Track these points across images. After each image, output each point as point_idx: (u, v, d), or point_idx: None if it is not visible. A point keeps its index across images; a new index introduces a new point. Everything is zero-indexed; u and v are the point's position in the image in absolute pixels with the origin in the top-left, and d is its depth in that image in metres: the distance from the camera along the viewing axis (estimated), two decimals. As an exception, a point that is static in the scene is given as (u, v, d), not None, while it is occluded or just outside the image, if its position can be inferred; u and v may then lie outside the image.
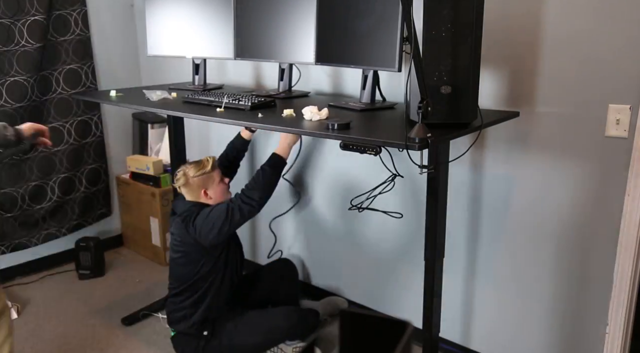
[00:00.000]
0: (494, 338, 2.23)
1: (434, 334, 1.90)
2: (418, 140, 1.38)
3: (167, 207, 3.20)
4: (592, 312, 1.93)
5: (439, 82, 1.55)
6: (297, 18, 2.19)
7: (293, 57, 2.25)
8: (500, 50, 1.94)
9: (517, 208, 2.03)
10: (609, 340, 1.89)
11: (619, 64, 1.70)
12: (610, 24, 1.70)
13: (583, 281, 1.93)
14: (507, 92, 1.96)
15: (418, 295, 1.99)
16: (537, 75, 1.88)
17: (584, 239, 1.90)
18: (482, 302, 2.22)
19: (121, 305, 2.85)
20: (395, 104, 2.02)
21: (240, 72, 2.89)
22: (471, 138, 1.93)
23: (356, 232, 2.60)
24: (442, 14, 1.51)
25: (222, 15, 2.45)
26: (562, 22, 1.79)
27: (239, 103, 2.00)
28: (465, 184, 2.16)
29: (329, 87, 2.52)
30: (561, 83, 1.83)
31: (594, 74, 1.76)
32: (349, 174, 2.54)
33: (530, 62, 1.89)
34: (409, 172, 2.23)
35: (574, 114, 1.83)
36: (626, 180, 1.76)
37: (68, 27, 3.13)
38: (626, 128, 1.72)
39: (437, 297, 1.85)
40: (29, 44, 2.94)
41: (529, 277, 2.06)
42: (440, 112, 1.55)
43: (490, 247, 2.15)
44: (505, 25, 1.91)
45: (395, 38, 1.81)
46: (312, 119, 1.74)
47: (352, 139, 1.54)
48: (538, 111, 1.90)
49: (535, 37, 1.86)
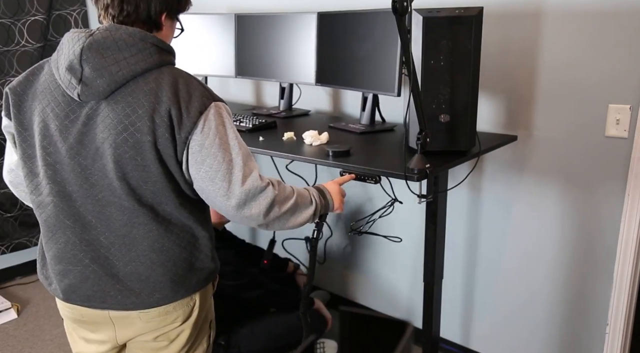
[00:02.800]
0: (494, 338, 2.21)
1: (434, 334, 1.90)
2: (417, 171, 1.41)
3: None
4: (592, 312, 1.92)
5: (437, 110, 1.57)
6: (298, 39, 2.22)
7: (293, 77, 2.28)
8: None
9: (518, 216, 2.02)
10: (609, 340, 1.88)
11: (618, 69, 1.70)
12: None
13: (583, 281, 1.92)
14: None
15: (418, 295, 1.98)
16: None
17: (584, 240, 1.88)
18: (482, 301, 2.21)
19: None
20: (394, 126, 2.04)
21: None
22: (470, 164, 1.94)
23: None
24: (440, 44, 1.53)
25: (223, 33, 2.49)
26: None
27: (240, 124, 2.02)
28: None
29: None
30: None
31: (592, 76, 1.75)
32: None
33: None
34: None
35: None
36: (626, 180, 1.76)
37: (68, 27, 3.13)
38: (626, 128, 1.71)
39: (437, 297, 1.86)
40: (29, 44, 2.94)
41: (529, 277, 2.05)
42: (438, 140, 1.58)
43: (490, 246, 2.14)
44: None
45: (395, 63, 1.83)
46: (313, 143, 1.76)
47: (352, 169, 1.56)
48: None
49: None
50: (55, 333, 2.59)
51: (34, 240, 3.14)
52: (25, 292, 3.01)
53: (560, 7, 1.77)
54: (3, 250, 3.03)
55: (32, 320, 2.72)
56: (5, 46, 2.87)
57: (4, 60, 2.87)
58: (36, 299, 2.93)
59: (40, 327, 2.66)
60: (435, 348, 1.93)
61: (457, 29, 1.52)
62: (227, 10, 2.81)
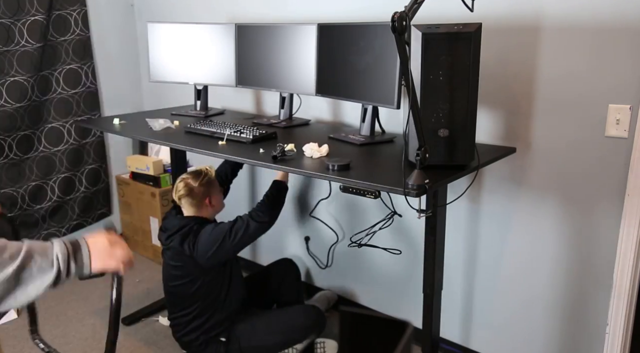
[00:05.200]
0: (494, 338, 2.24)
1: (434, 334, 1.92)
2: (416, 186, 1.43)
3: (167, 206, 3.21)
4: (592, 312, 1.94)
5: (436, 125, 1.58)
6: (298, 50, 2.23)
7: (294, 87, 2.29)
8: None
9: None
10: (609, 340, 1.90)
11: (617, 74, 1.72)
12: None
13: (583, 281, 1.94)
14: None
15: (418, 295, 2.00)
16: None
17: (584, 240, 1.91)
18: (482, 301, 2.24)
19: (121, 305, 2.86)
20: (394, 137, 2.06)
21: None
22: (469, 177, 1.96)
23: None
24: (439, 60, 1.54)
25: (224, 43, 2.50)
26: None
27: (241, 135, 2.03)
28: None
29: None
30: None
31: (592, 76, 1.77)
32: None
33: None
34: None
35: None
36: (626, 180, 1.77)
37: (68, 27, 3.13)
38: (626, 128, 1.73)
39: (437, 297, 1.88)
40: (29, 44, 2.94)
41: (529, 277, 2.07)
42: (438, 154, 1.60)
43: (489, 250, 2.16)
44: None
45: (394, 76, 1.84)
46: (313, 156, 1.77)
47: (352, 183, 1.58)
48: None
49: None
50: (55, 333, 2.62)
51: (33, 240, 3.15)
52: (25, 292, 3.03)
53: (558, 19, 1.78)
54: (3, 249, 3.05)
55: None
56: (5, 46, 2.87)
57: (4, 60, 2.87)
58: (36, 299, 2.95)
59: (41, 327, 2.67)
60: (435, 348, 1.95)
61: (456, 45, 1.54)
62: (228, 20, 2.82)
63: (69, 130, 3.22)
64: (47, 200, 3.18)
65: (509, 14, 1.88)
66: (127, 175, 3.44)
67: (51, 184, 3.19)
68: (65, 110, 3.19)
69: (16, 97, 2.93)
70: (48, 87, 3.10)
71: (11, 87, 2.91)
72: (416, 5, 1.42)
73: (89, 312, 2.82)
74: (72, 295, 3.00)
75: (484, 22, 1.92)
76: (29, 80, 2.96)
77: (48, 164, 3.16)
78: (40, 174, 3.14)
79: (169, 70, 2.69)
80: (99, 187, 3.45)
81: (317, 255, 2.78)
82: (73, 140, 3.25)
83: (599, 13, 1.70)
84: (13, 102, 2.93)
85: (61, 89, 3.15)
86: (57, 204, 3.23)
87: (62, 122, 3.19)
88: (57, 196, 3.22)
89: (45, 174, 3.16)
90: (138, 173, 3.34)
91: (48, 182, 3.18)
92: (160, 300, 2.81)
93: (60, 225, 3.27)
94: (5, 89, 2.90)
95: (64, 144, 3.21)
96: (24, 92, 2.96)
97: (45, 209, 3.18)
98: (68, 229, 3.31)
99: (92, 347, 2.51)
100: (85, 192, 3.37)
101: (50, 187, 3.19)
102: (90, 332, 2.63)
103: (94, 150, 3.37)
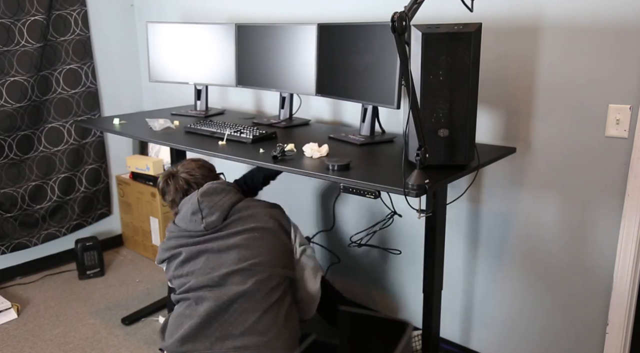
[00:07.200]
0: (494, 338, 2.24)
1: (434, 334, 1.92)
2: (416, 186, 1.43)
3: (167, 206, 3.20)
4: (592, 312, 1.94)
5: (436, 125, 1.59)
6: (298, 50, 2.23)
7: (294, 87, 2.30)
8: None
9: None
10: (609, 340, 1.90)
11: (617, 77, 1.72)
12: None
13: (583, 281, 1.94)
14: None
15: (418, 295, 2.00)
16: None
17: (584, 239, 1.91)
18: (482, 301, 2.24)
19: (121, 305, 2.87)
20: (394, 137, 2.06)
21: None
22: (469, 177, 1.96)
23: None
24: (439, 60, 1.55)
25: (224, 43, 2.51)
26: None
27: (241, 136, 2.03)
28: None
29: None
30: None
31: (592, 76, 1.77)
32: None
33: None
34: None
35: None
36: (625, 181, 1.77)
37: (68, 27, 3.13)
38: (626, 128, 1.73)
39: (437, 297, 1.88)
40: (29, 44, 2.94)
41: (529, 277, 2.07)
42: (437, 155, 1.60)
43: (489, 249, 2.16)
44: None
45: (394, 76, 1.85)
46: (313, 156, 1.78)
47: (352, 183, 1.58)
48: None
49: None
50: (55, 333, 2.62)
51: (33, 240, 3.16)
52: (25, 292, 3.03)
53: (558, 19, 1.79)
54: (3, 250, 3.05)
55: (32, 320, 2.75)
56: (5, 46, 2.87)
57: (3, 60, 2.87)
58: (36, 299, 2.96)
59: (40, 327, 2.68)
60: (435, 348, 1.95)
61: (456, 45, 1.55)
62: (228, 20, 2.82)
63: (69, 130, 3.22)
64: (47, 200, 3.18)
65: (509, 14, 1.88)
66: (127, 175, 3.44)
67: (51, 184, 3.19)
68: (65, 110, 3.19)
69: (16, 97, 2.93)
70: (48, 87, 3.10)
71: (11, 87, 2.91)
72: (416, 5, 1.42)
73: (89, 312, 2.82)
74: (72, 295, 3.00)
75: (484, 22, 1.92)
76: (29, 80, 2.96)
77: (48, 163, 3.16)
78: (40, 173, 3.14)
79: (169, 70, 2.70)
80: (99, 187, 3.45)
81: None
82: (73, 140, 3.25)
83: (599, 13, 1.70)
84: (13, 102, 2.93)
85: (61, 89, 3.15)
86: (57, 204, 3.23)
87: (62, 122, 3.19)
88: (57, 196, 3.22)
89: (45, 173, 3.16)
90: (138, 173, 3.34)
91: (48, 182, 3.18)
92: (161, 300, 2.81)
93: (60, 225, 3.27)
94: (5, 89, 2.90)
95: (64, 144, 3.21)
96: (24, 92, 2.96)
97: (45, 209, 3.18)
98: (68, 229, 3.31)
99: (92, 347, 2.51)
100: (85, 192, 3.37)
101: (50, 187, 3.19)
102: (90, 332, 2.63)
103: (94, 150, 3.37)
